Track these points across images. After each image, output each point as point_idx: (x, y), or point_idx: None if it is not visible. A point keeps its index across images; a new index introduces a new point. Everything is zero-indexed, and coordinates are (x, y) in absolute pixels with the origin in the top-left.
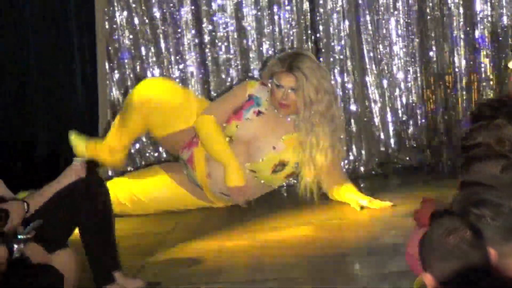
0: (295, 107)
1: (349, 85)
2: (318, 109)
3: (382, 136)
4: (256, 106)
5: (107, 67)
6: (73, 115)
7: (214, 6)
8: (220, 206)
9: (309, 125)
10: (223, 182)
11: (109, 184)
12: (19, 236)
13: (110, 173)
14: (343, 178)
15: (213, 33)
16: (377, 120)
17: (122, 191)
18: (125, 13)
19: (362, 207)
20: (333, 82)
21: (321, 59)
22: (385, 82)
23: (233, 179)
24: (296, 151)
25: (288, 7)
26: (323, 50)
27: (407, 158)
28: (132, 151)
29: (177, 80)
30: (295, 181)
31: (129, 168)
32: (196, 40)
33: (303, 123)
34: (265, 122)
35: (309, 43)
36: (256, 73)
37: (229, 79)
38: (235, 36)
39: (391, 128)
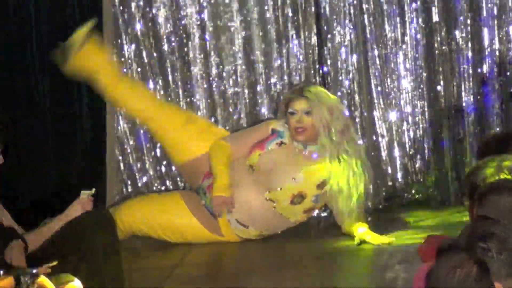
0: (313, 131)
1: (357, 119)
2: (337, 128)
3: (389, 170)
4: (279, 138)
5: None
6: (80, 145)
7: (223, 39)
8: (230, 240)
9: (333, 147)
10: (241, 209)
11: (125, 205)
12: (29, 270)
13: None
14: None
15: (221, 66)
16: (384, 154)
17: (138, 212)
18: (133, 46)
19: (360, 242)
20: None
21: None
22: (392, 116)
23: (220, 189)
24: (313, 182)
25: (296, 41)
26: (331, 84)
27: (414, 193)
28: (139, 184)
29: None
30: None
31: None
32: (204, 74)
33: (327, 146)
34: (287, 152)
35: (317, 77)
36: (264, 109)
37: (236, 113)
38: (243, 70)
39: (398, 162)
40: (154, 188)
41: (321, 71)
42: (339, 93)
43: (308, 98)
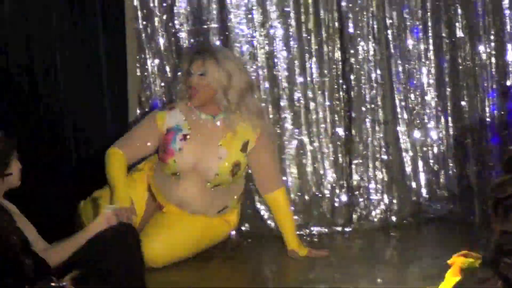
0: (208, 93)
1: (381, 134)
2: (235, 89)
3: (413, 186)
4: (178, 133)
5: (138, 113)
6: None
7: (246, 54)
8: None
9: (233, 106)
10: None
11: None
12: (53, 284)
13: None
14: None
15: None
16: (408, 169)
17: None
18: (156, 60)
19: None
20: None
21: (353, 108)
22: (416, 132)
23: (120, 199)
24: (237, 148)
25: (319, 56)
26: (354, 99)
27: (439, 208)
28: None
29: None
30: None
31: None
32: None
33: (228, 105)
34: (196, 141)
35: (341, 92)
36: (287, 124)
37: None
38: (266, 85)
39: (422, 178)
40: None
41: (344, 86)
42: (362, 108)
43: (204, 59)
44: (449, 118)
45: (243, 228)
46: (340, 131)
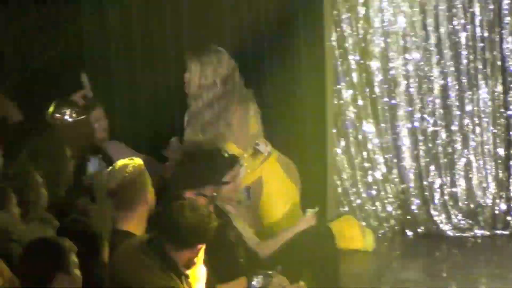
0: None
1: None
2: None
3: None
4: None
5: (334, 135)
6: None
7: (424, 87)
8: None
9: None
10: None
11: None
12: (263, 272)
13: None
14: None
15: (422, 109)
16: None
17: None
18: (350, 91)
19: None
20: None
21: None
22: None
23: None
24: None
25: (484, 89)
26: None
27: None
28: (354, 205)
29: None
30: None
31: None
32: (408, 115)
33: None
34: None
35: (502, 119)
36: (457, 145)
37: (434, 148)
38: (441, 112)
39: None
40: (366, 208)
41: (505, 114)
42: None
43: None
44: None
45: (419, 230)
46: (501, 151)
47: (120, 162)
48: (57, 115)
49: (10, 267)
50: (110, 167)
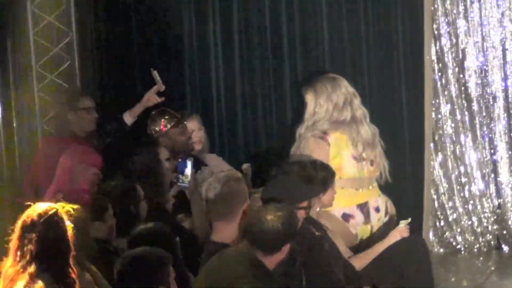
0: None
1: None
2: None
3: None
4: None
5: (432, 148)
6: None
7: None
8: None
9: None
10: None
11: None
12: None
13: None
14: None
15: None
16: None
17: None
18: (448, 106)
19: None
20: None
21: None
22: None
23: None
24: None
25: None
26: None
27: None
28: (450, 219)
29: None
30: None
31: None
32: (506, 130)
33: None
34: None
35: None
36: None
37: None
38: None
39: None
40: (462, 222)
41: None
42: None
43: None
44: None
45: None
46: None
47: (220, 173)
48: (153, 126)
49: (108, 279)
50: (210, 178)
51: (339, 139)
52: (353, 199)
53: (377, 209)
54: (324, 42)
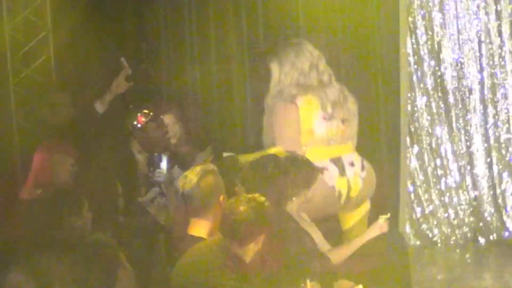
0: None
1: None
2: None
3: None
4: None
5: (408, 141)
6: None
7: (498, 95)
8: None
9: None
10: None
11: None
12: None
13: None
14: None
15: (496, 117)
16: None
17: None
18: (424, 98)
19: None
20: None
21: None
22: None
23: None
24: None
25: None
26: None
27: None
28: (426, 212)
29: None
30: None
31: None
32: (482, 122)
33: None
34: None
35: None
36: None
37: (508, 155)
38: None
39: None
40: (439, 215)
41: None
42: None
43: None
44: None
45: (491, 237)
46: None
47: (195, 167)
48: (130, 121)
49: None
50: (186, 172)
51: (308, 102)
52: (325, 153)
53: (352, 164)
54: (299, 33)
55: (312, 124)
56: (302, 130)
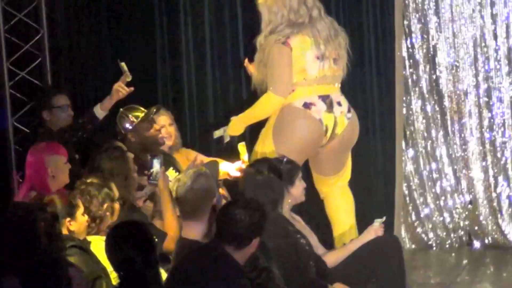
0: None
1: None
2: None
3: None
4: None
5: (403, 145)
6: (375, 184)
7: (493, 99)
8: None
9: None
10: None
11: None
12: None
13: None
14: None
15: (492, 120)
16: None
17: None
18: (419, 101)
19: None
20: None
21: None
22: None
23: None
24: None
25: None
26: None
27: None
28: (422, 215)
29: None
30: None
31: None
32: (478, 125)
33: None
34: None
35: None
36: None
37: (503, 159)
38: (510, 123)
39: None
40: (434, 218)
41: None
42: None
43: None
44: None
45: (486, 241)
46: None
47: (189, 170)
48: (122, 123)
49: None
50: (180, 174)
51: (302, 41)
52: (315, 90)
53: (339, 103)
54: None
55: (305, 64)
56: (294, 70)
